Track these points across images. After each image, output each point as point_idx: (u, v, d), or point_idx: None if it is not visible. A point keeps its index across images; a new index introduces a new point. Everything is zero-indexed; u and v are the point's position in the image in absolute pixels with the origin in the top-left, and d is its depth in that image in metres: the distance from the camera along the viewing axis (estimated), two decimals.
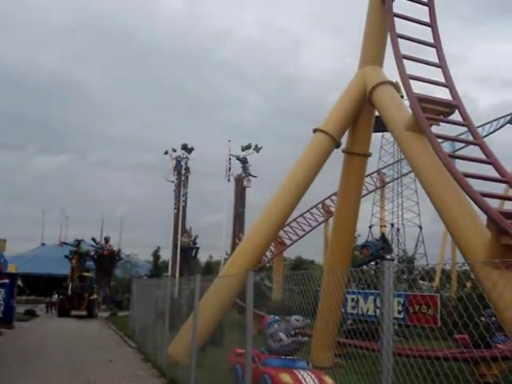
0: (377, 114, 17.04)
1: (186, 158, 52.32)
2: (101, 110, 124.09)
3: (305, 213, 42.34)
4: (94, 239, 53.56)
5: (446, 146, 24.17)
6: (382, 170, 51.33)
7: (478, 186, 11.55)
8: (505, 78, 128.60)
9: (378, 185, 49.48)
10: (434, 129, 13.17)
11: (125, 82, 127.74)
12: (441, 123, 13.74)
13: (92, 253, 51.29)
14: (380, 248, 34.41)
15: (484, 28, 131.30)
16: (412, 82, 13.84)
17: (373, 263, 35.44)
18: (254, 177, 50.91)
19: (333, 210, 39.30)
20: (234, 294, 15.47)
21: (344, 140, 17.55)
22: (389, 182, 53.15)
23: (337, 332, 15.73)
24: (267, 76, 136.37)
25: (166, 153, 51.73)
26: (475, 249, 11.04)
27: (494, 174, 12.40)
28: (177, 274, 43.55)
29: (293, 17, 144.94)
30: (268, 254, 40.69)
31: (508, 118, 44.26)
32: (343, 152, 17.76)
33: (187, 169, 52.12)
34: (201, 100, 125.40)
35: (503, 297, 9.56)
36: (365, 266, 32.19)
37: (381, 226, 52.88)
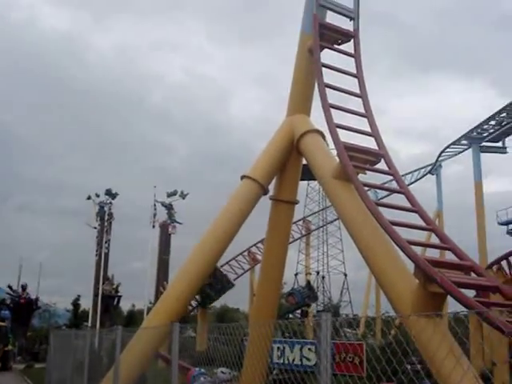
0: (303, 162, 17.14)
1: (110, 203, 51.28)
2: (23, 153, 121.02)
3: (231, 260, 42.09)
4: (10, 287, 51.20)
5: (370, 195, 24.57)
6: (308, 218, 51.94)
7: (402, 233, 11.62)
8: (422, 131, 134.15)
9: (304, 232, 49.96)
10: (361, 177, 13.28)
11: (50, 125, 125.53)
12: (367, 172, 13.88)
13: (8, 301, 49.00)
14: (306, 296, 34.53)
15: (403, 83, 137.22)
16: (339, 130, 13.97)
17: (298, 311, 35.35)
18: (180, 223, 50.36)
19: (259, 257, 39.21)
20: (158, 345, 14.92)
21: (271, 187, 17.54)
22: (314, 230, 53.78)
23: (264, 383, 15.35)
24: (195, 123, 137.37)
25: (89, 198, 50.59)
26: (402, 296, 11.03)
27: (419, 222, 12.56)
28: (97, 324, 42.11)
29: (221, 65, 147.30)
30: (193, 302, 39.99)
31: (428, 168, 45.85)
32: (270, 199, 17.72)
33: (110, 214, 50.99)
34: (128, 145, 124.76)
35: (431, 345, 9.51)
36: (291, 315, 32.08)
37: (306, 274, 53.22)
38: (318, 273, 55.55)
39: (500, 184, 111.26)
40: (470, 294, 11.01)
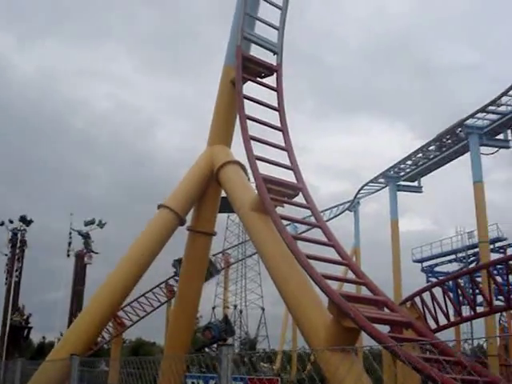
0: (223, 194, 16.99)
1: (24, 230, 49.28)
2: None
3: (147, 292, 41.04)
4: None
5: (289, 228, 24.70)
6: (227, 251, 51.69)
7: (318, 267, 11.56)
8: (344, 169, 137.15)
9: (223, 265, 49.61)
10: (279, 210, 13.20)
11: None
12: (285, 205, 13.83)
13: None
14: (223, 330, 34.06)
15: (329, 122, 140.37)
16: (259, 163, 13.92)
17: (215, 345, 34.83)
18: (96, 253, 48.95)
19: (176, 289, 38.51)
20: (64, 378, 14.21)
21: (189, 218, 17.28)
22: (233, 263, 53.54)
23: None
24: (119, 151, 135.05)
25: (2, 224, 48.53)
26: (317, 331, 10.93)
27: (335, 255, 12.55)
28: (3, 356, 40.09)
29: (147, 95, 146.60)
30: (106, 335, 38.81)
31: (346, 205, 46.70)
32: (188, 230, 17.42)
33: (23, 242, 48.97)
34: (47, 170, 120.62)
35: (339, 374, 9.39)
36: (207, 349, 31.59)
37: (224, 308, 52.80)
38: (235, 306, 55.19)
39: (415, 223, 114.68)
40: (386, 329, 11.04)
